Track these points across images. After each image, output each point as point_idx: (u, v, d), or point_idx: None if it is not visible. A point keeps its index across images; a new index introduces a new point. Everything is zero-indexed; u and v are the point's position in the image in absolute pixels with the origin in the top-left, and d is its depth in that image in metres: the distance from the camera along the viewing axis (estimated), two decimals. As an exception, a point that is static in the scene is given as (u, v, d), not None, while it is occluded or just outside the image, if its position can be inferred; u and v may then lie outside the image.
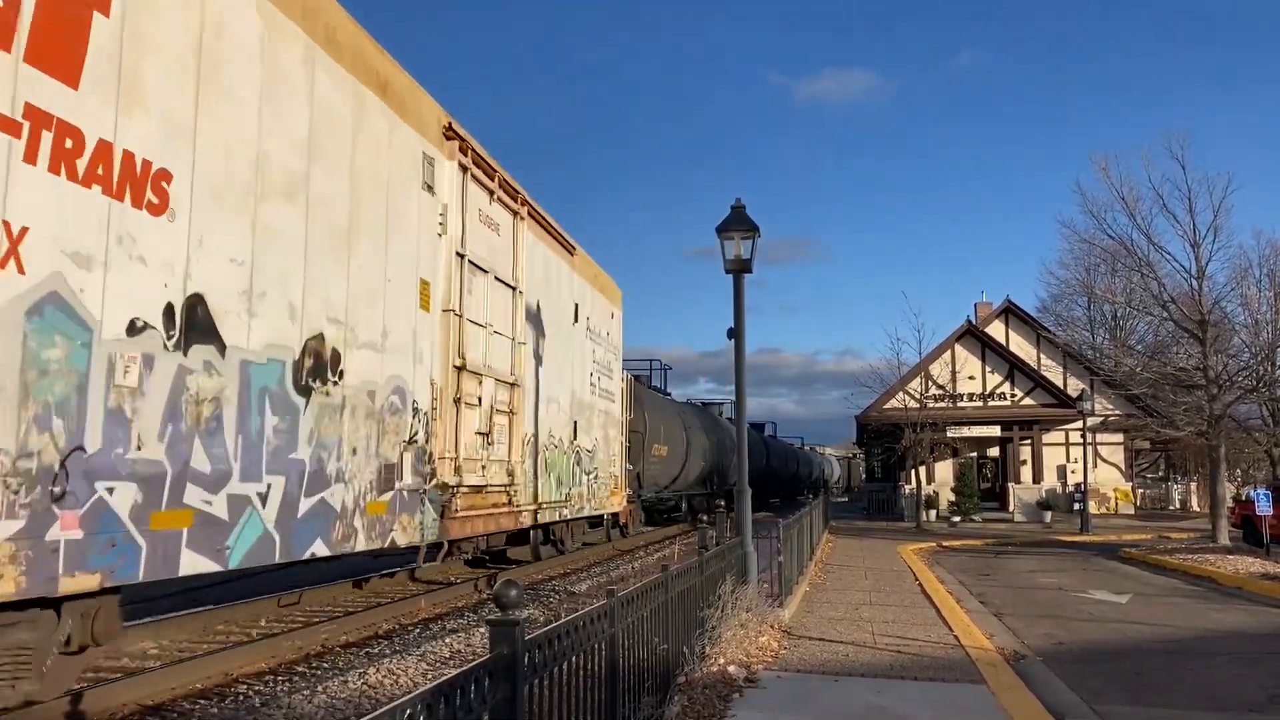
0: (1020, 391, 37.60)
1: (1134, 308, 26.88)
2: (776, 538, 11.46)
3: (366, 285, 8.74)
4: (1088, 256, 28.88)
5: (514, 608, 3.54)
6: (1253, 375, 22.66)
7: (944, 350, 37.83)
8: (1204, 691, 8.02)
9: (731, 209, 11.73)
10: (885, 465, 45.79)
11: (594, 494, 17.03)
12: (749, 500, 11.59)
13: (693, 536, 13.13)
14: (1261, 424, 26.02)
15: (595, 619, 4.68)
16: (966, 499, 33.96)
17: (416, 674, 7.79)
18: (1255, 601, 13.80)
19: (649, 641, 5.92)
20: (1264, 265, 22.75)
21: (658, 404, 25.77)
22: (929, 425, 33.51)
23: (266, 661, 8.31)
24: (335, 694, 7.03)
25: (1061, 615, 12.25)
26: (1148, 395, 26.08)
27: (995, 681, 7.77)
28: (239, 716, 6.51)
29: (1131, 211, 22.91)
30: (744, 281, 11.84)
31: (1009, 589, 15.26)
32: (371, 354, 8.82)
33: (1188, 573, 17.34)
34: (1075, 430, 36.77)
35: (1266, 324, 22.27)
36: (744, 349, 12.06)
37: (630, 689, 5.44)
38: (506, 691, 3.37)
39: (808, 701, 6.99)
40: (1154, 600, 13.95)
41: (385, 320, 9.09)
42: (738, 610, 8.54)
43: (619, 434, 19.35)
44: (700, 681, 7.05)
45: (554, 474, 14.51)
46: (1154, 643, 10.29)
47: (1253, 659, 9.38)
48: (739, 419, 12.27)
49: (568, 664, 4.23)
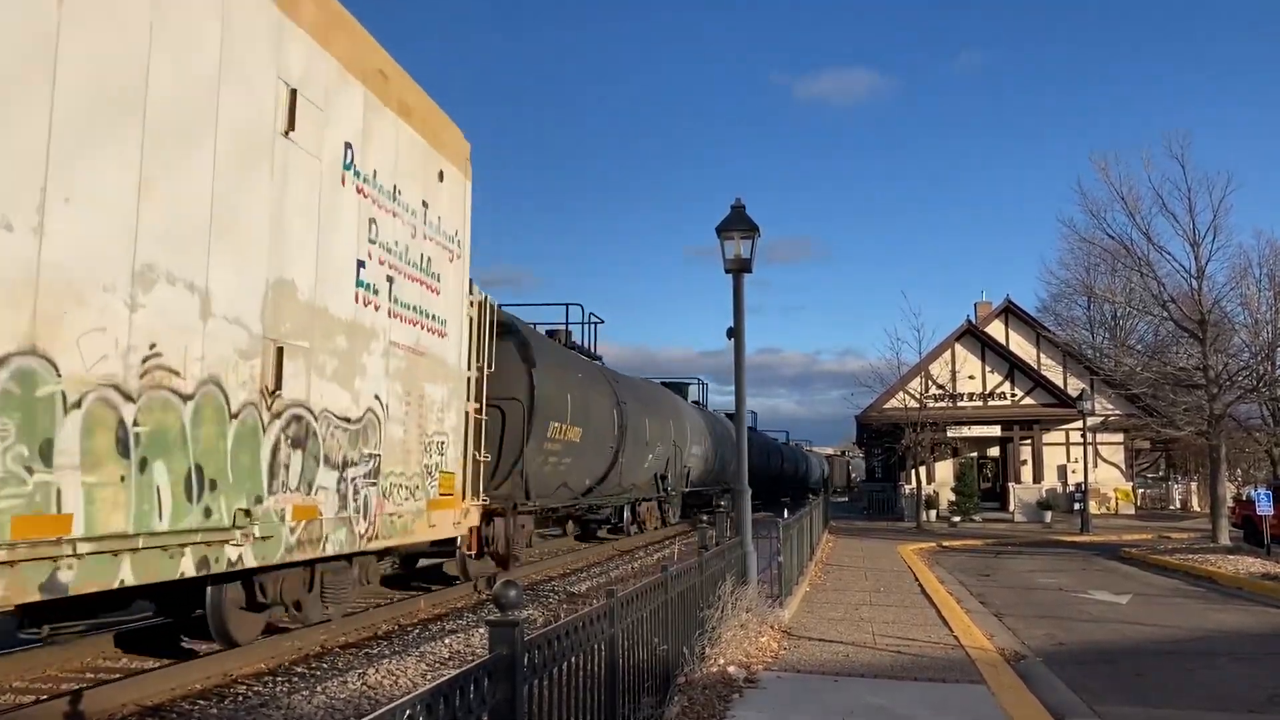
0: (1020, 391, 37.60)
1: (1134, 307, 26.88)
2: (776, 538, 11.45)
3: None
4: (1088, 256, 28.91)
5: (513, 608, 3.54)
6: (1253, 375, 22.66)
7: (944, 350, 37.83)
8: (1204, 691, 8.01)
9: (731, 209, 11.74)
10: (885, 465, 45.79)
11: (369, 508, 8.91)
12: (749, 500, 11.59)
13: (693, 536, 13.12)
14: (1261, 423, 26.03)
15: (595, 619, 4.67)
16: (966, 499, 33.97)
17: (416, 674, 7.79)
18: (1256, 601, 13.80)
19: (649, 642, 5.92)
20: (1264, 265, 22.79)
21: (562, 361, 16.54)
22: (929, 425, 33.51)
23: (266, 662, 8.31)
24: (334, 694, 7.02)
25: (1062, 615, 12.25)
26: (1148, 395, 26.07)
27: (995, 682, 7.76)
28: (238, 717, 6.50)
29: (1131, 211, 22.94)
30: (744, 281, 11.84)
31: (1009, 589, 15.26)
32: None
33: (1188, 573, 17.34)
34: (1075, 430, 36.76)
35: (1266, 323, 22.26)
36: (744, 349, 12.06)
37: (630, 689, 5.44)
38: (506, 692, 3.36)
39: (808, 702, 6.99)
40: (1154, 600, 13.94)
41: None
42: (738, 610, 8.54)
43: (461, 397, 11.43)
44: (700, 682, 7.04)
45: (183, 468, 6.39)
46: (1154, 643, 10.29)
47: (1253, 659, 9.38)
48: (739, 420, 12.26)
49: (567, 664, 4.22)
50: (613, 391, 19.42)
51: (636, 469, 21.21)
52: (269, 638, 8.78)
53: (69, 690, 6.65)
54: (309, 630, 9.28)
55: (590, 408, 17.10)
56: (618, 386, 20.10)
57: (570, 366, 16.97)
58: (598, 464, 18.28)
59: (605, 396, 18.68)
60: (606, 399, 18.71)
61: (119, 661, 8.31)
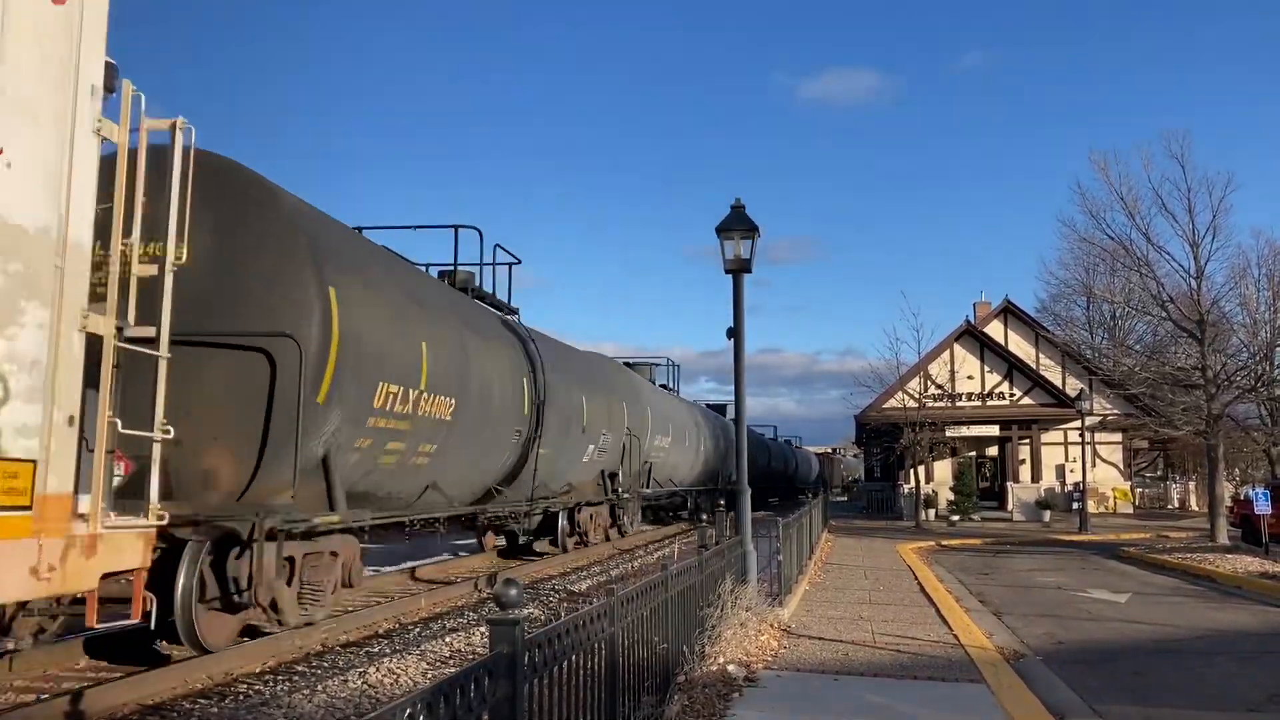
0: (1019, 391, 37.63)
1: (1133, 307, 26.91)
2: (776, 537, 11.46)
3: None
4: (1087, 256, 28.92)
5: (514, 607, 3.54)
6: (1251, 375, 22.69)
7: (943, 350, 37.85)
8: (1204, 690, 8.02)
9: (731, 209, 11.73)
10: (884, 464, 45.80)
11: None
12: (748, 500, 11.59)
13: (693, 535, 13.10)
14: (1259, 423, 26.04)
15: (595, 618, 4.68)
16: (965, 498, 34.00)
17: (416, 673, 7.79)
18: (1254, 600, 13.81)
19: (649, 640, 5.92)
20: (1262, 265, 22.86)
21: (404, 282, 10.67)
22: (928, 425, 33.53)
23: (266, 661, 8.30)
24: (335, 693, 7.02)
25: (1061, 614, 12.26)
26: (1146, 395, 26.09)
27: (995, 681, 7.77)
28: (239, 716, 6.50)
29: (1130, 211, 22.96)
30: (744, 281, 11.85)
31: (1008, 588, 15.27)
32: None
33: (1187, 572, 17.35)
34: (1074, 430, 36.73)
35: (1265, 323, 22.30)
36: (743, 349, 12.06)
37: (630, 688, 5.44)
38: (506, 691, 3.37)
39: (808, 700, 6.99)
40: (1153, 599, 13.95)
41: None
42: (737, 609, 8.55)
43: (52, 295, 5.28)
44: (700, 680, 7.05)
45: None
46: (1153, 642, 10.30)
47: (1252, 658, 9.39)
48: (739, 420, 12.25)
49: (568, 663, 4.23)
50: (522, 352, 13.58)
51: (570, 464, 16.03)
52: (268, 638, 8.68)
53: (69, 690, 6.65)
54: (309, 629, 9.23)
55: (474, 368, 11.47)
56: (534, 348, 14.16)
57: (427, 299, 10.89)
58: (492, 455, 12.70)
59: (505, 358, 12.78)
60: (507, 361, 12.81)
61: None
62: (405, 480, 10.63)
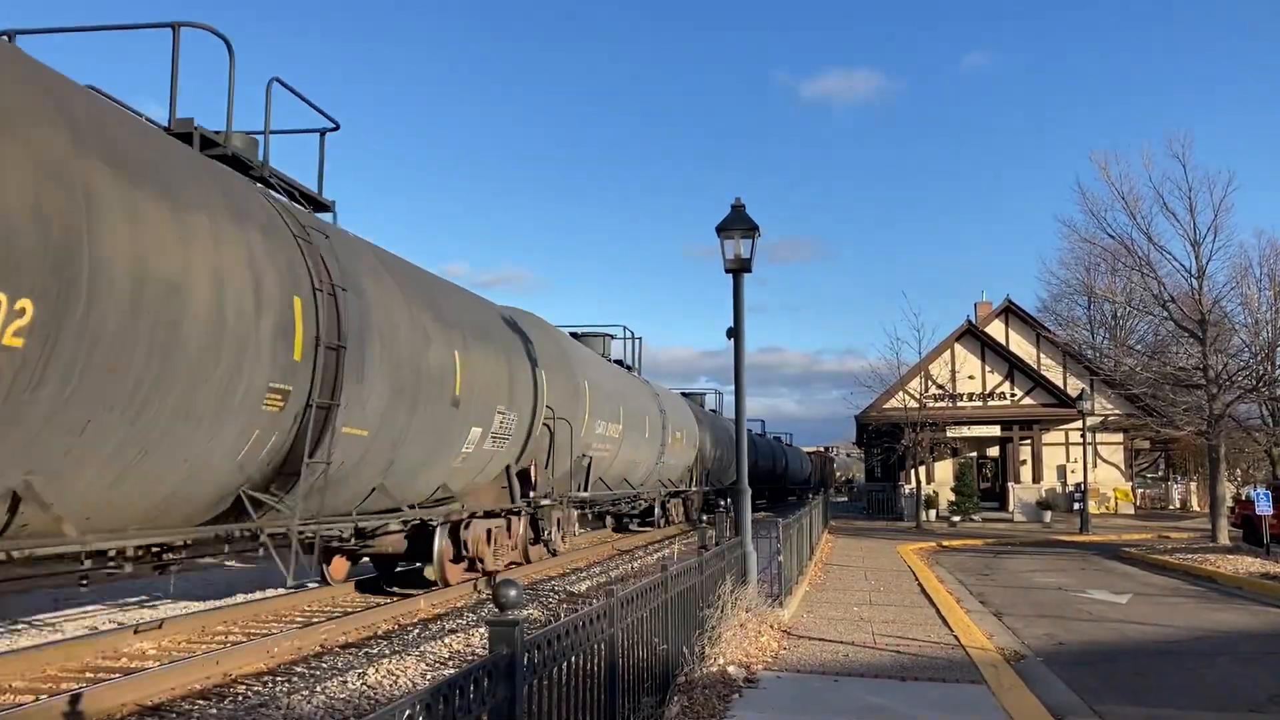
0: (1020, 391, 37.59)
1: (1134, 307, 26.89)
2: (776, 537, 11.45)
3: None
4: (1088, 256, 28.96)
5: (513, 608, 3.54)
6: (1252, 375, 22.65)
7: (944, 350, 37.83)
8: (1204, 691, 8.01)
9: (731, 208, 11.73)
10: (885, 465, 45.78)
11: None
12: (749, 500, 11.60)
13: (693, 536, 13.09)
14: (1261, 423, 26.01)
15: (594, 619, 4.67)
16: (966, 499, 33.96)
17: (416, 674, 7.78)
18: (1255, 601, 13.79)
19: (648, 642, 5.91)
20: (1264, 264, 22.78)
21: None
22: (929, 425, 33.50)
23: (265, 662, 8.30)
24: (334, 694, 7.02)
25: (1061, 615, 12.24)
26: (1147, 395, 26.06)
27: (995, 681, 7.76)
28: (238, 716, 6.50)
29: (1131, 210, 22.93)
30: (744, 281, 11.84)
31: (1009, 589, 15.25)
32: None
33: (1188, 572, 17.33)
34: (1075, 430, 36.78)
35: (1266, 323, 22.26)
36: (743, 349, 12.05)
37: (630, 689, 5.44)
38: (506, 692, 3.36)
39: (808, 702, 6.98)
40: (1154, 600, 13.94)
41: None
42: (737, 610, 8.54)
43: None
44: (700, 682, 7.04)
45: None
46: (1154, 642, 10.28)
47: (1253, 659, 9.37)
48: (739, 421, 12.25)
49: (567, 664, 4.22)
50: (295, 247, 7.98)
51: (433, 455, 10.83)
52: (268, 638, 8.73)
53: (69, 690, 6.65)
54: (308, 629, 9.27)
55: (117, 246, 5.71)
56: (328, 243, 8.72)
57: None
58: (199, 431, 6.79)
59: (243, 246, 7.15)
60: (246, 254, 7.15)
61: (119, 661, 8.31)
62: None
